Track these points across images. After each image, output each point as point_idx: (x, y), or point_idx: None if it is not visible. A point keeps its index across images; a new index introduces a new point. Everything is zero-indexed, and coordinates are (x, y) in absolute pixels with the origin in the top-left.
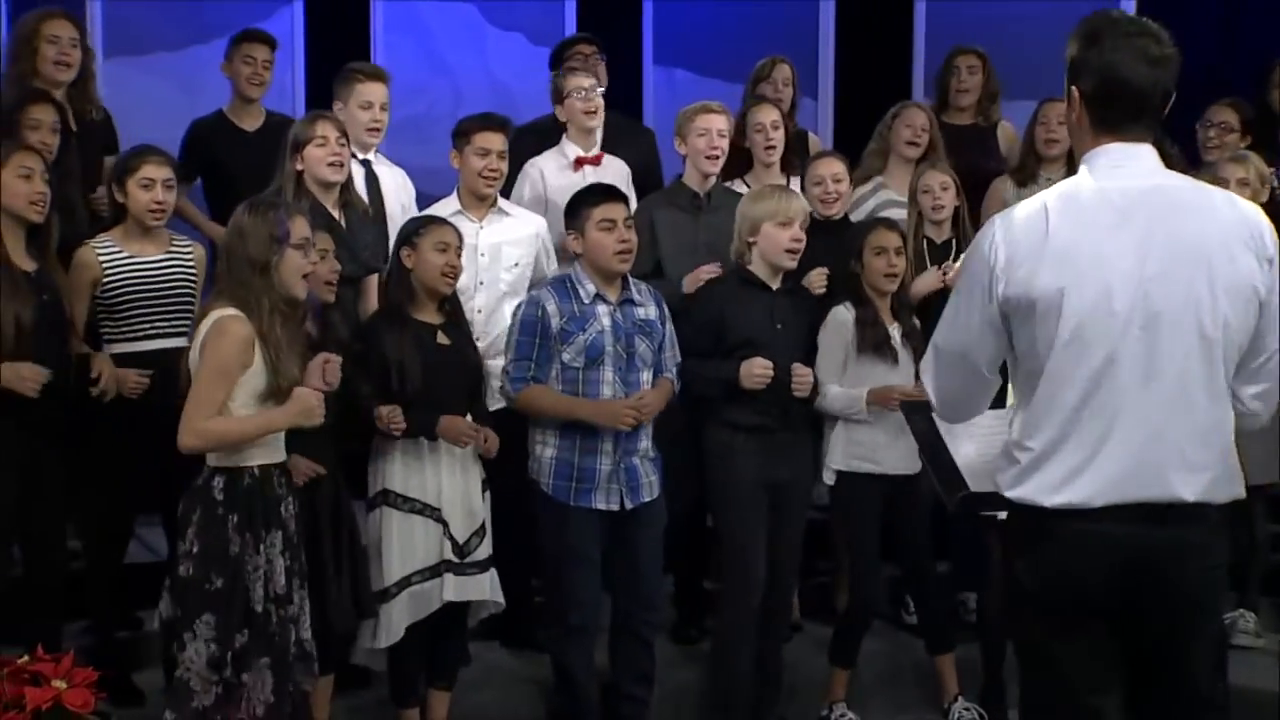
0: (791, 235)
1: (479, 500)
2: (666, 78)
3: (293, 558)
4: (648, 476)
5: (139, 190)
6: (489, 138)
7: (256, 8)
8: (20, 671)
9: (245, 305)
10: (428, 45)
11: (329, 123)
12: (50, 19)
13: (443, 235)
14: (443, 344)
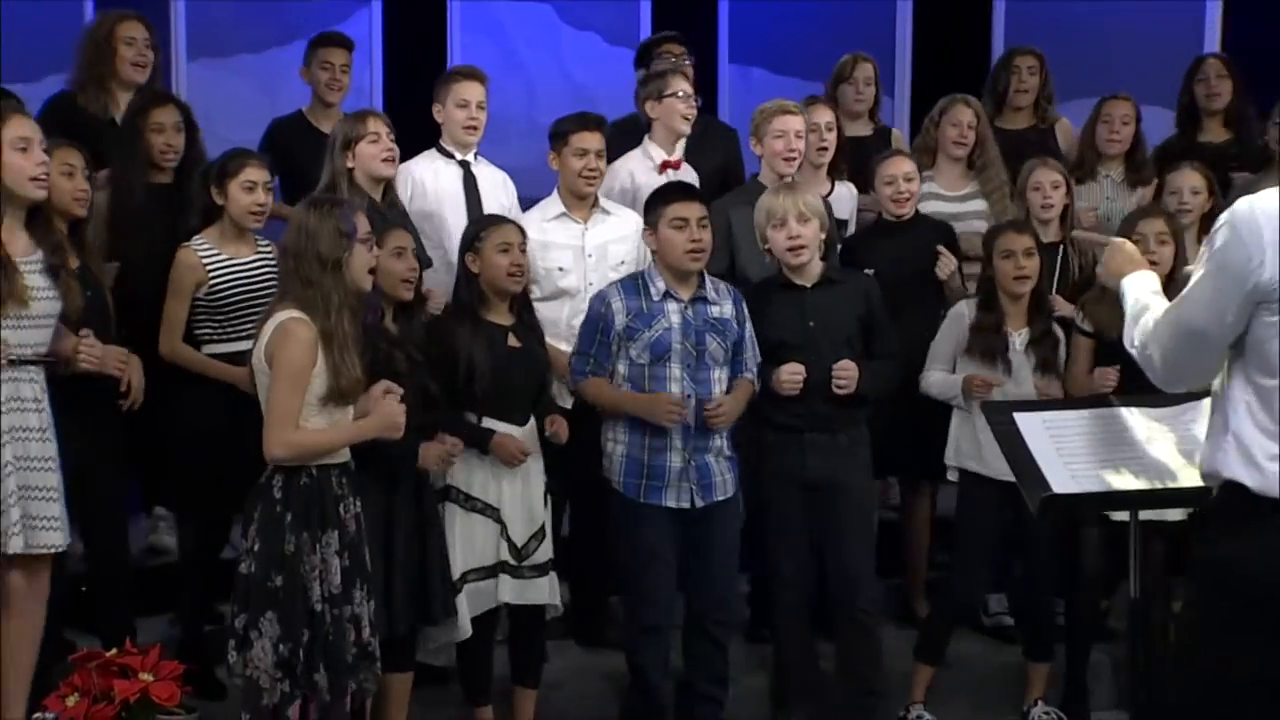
0: (787, 234)
1: (540, 504)
2: (742, 76)
3: (352, 559)
4: (721, 475)
5: (241, 192)
6: (586, 137)
7: (335, 9)
8: (109, 664)
9: (311, 305)
10: (503, 45)
11: (379, 119)
12: (124, 20)
13: (504, 236)
14: (513, 346)
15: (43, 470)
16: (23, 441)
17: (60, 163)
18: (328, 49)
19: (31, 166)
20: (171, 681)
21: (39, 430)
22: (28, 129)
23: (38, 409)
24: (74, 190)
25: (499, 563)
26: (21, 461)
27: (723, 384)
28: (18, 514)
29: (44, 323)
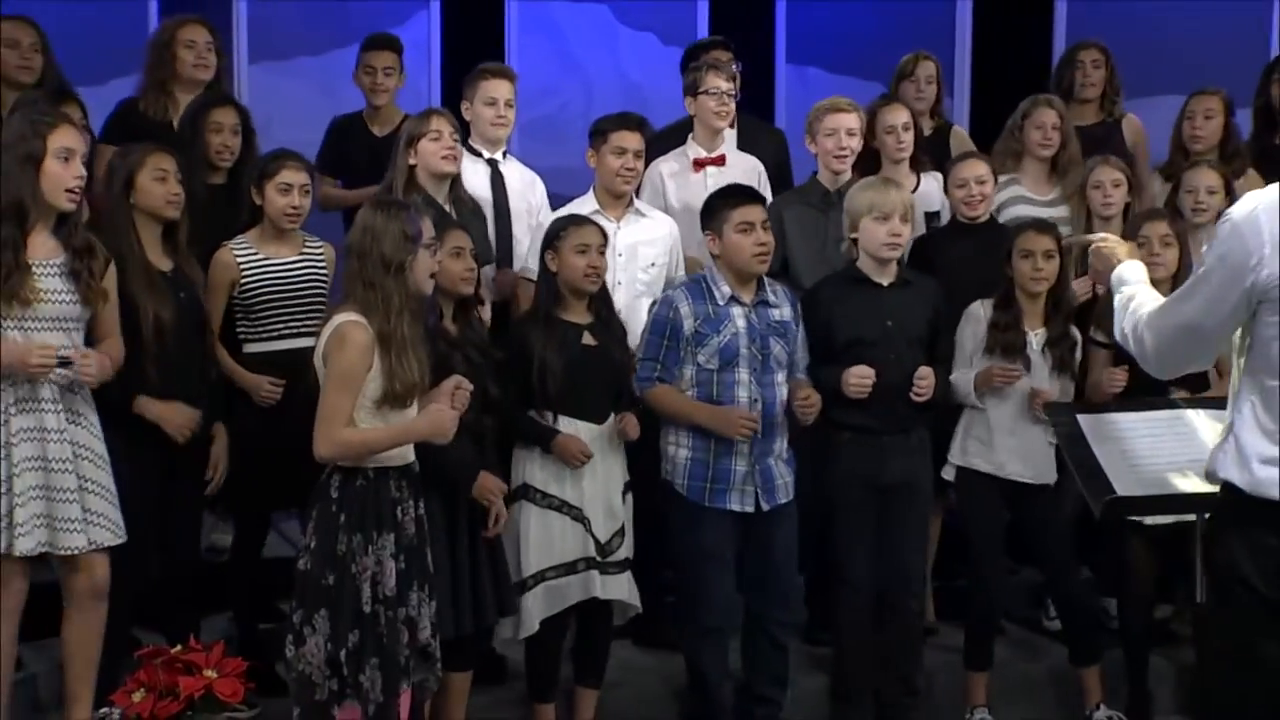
0: (889, 230)
1: (619, 501)
2: (799, 76)
3: (409, 561)
4: (783, 478)
5: (276, 194)
6: (625, 137)
7: (393, 11)
8: (174, 660)
9: (371, 307)
10: (560, 45)
11: (442, 118)
12: (186, 24)
13: (583, 237)
14: (588, 344)
15: (61, 471)
16: (39, 442)
17: (154, 168)
18: (369, 52)
19: (69, 178)
20: (235, 678)
21: (57, 431)
22: (72, 140)
23: (55, 409)
24: (166, 194)
25: (583, 559)
26: (38, 462)
27: (784, 388)
28: (27, 514)
29: (61, 325)
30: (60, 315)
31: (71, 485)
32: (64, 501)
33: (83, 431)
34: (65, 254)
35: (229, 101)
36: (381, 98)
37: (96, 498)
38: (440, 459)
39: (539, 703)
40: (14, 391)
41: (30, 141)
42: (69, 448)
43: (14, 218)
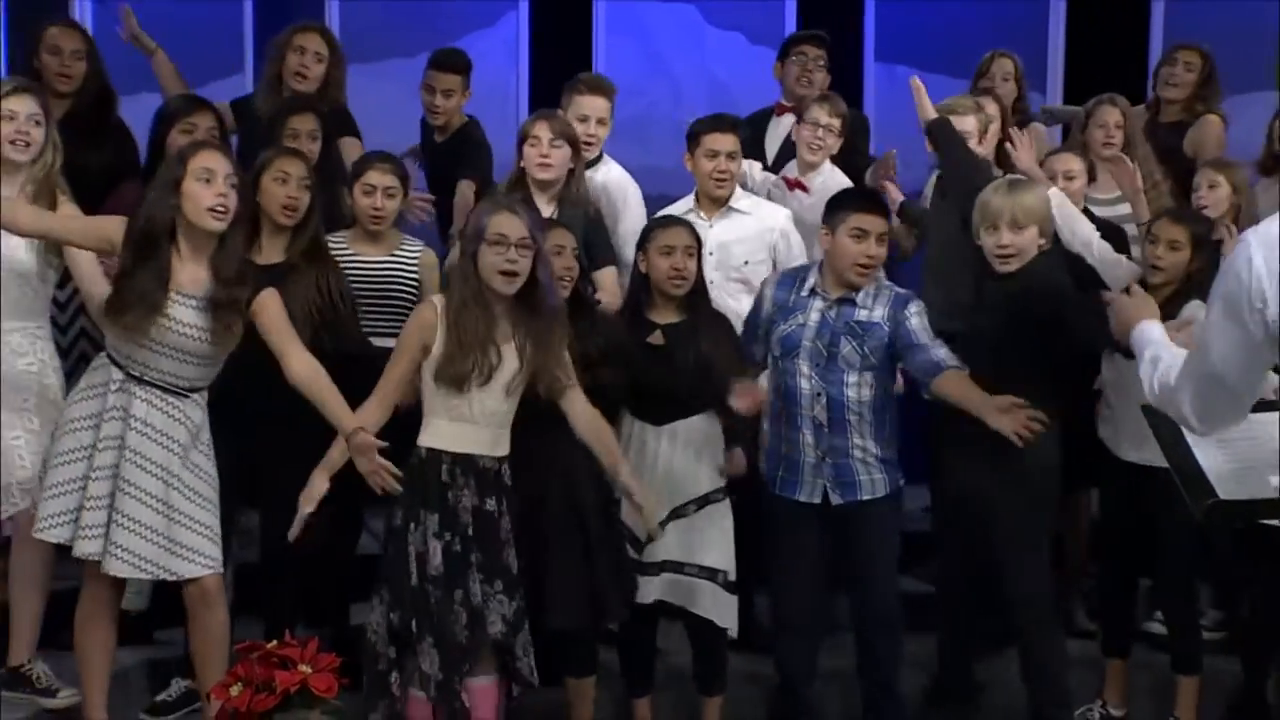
0: (996, 242)
1: (666, 507)
2: (888, 74)
3: (468, 550)
4: (867, 475)
5: (361, 195)
6: (718, 139)
7: (483, 12)
8: (270, 655)
9: (450, 290)
10: (648, 46)
11: (544, 123)
12: (301, 31)
13: (668, 239)
14: (654, 344)
15: (127, 495)
16: (115, 451)
17: (278, 170)
18: (433, 71)
19: (210, 197)
20: (329, 673)
21: (134, 451)
22: (213, 161)
23: (140, 430)
24: (282, 198)
25: (662, 561)
26: (109, 470)
27: (863, 388)
28: (99, 519)
29: (178, 356)
30: (179, 346)
31: (125, 507)
32: (120, 526)
33: (175, 459)
34: (212, 285)
35: (308, 107)
36: (438, 119)
37: (186, 530)
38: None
39: (635, 698)
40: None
41: (174, 167)
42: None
43: (150, 240)
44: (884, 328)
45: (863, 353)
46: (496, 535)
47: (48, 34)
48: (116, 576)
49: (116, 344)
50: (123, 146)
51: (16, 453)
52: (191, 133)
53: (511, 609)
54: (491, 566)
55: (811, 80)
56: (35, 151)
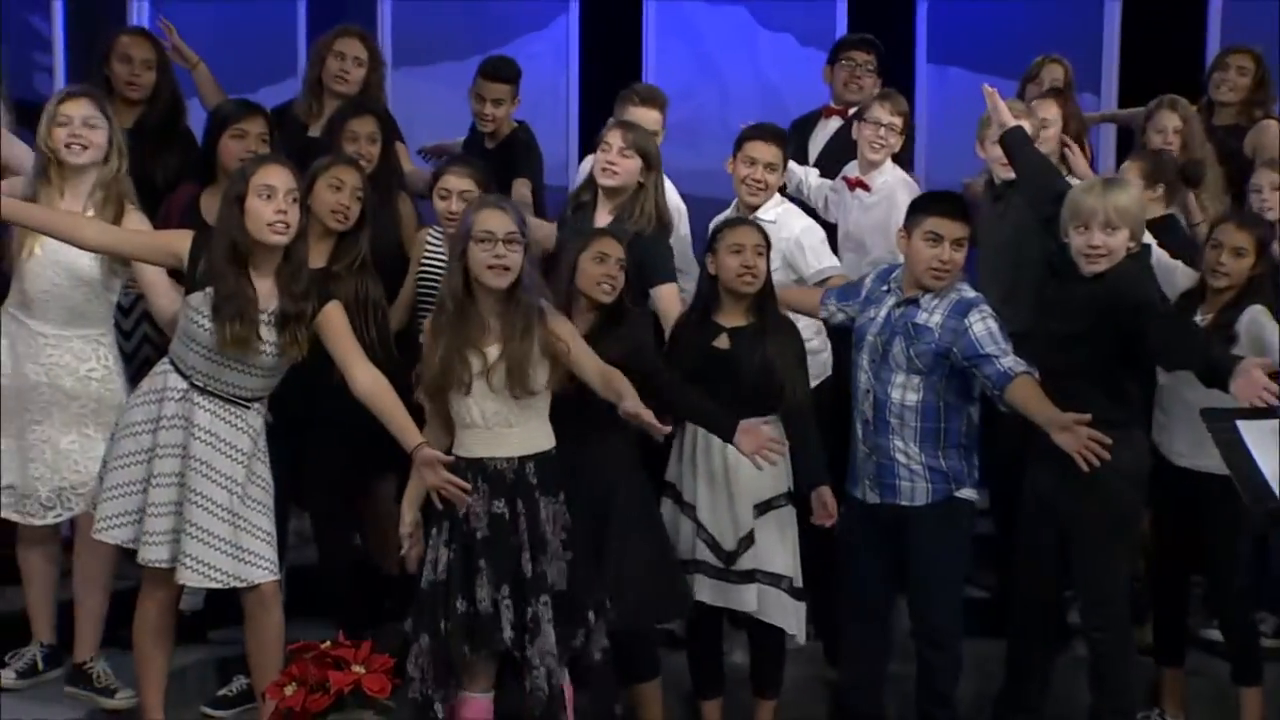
0: (1087, 242)
1: (747, 510)
2: (939, 76)
3: (473, 553)
4: (908, 480)
5: (437, 199)
6: (757, 147)
7: (534, 15)
8: (324, 656)
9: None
10: (698, 48)
11: (619, 131)
12: (341, 36)
13: (737, 237)
14: (718, 348)
15: (196, 506)
16: (178, 459)
17: (332, 177)
18: (483, 79)
19: (270, 213)
20: (382, 674)
21: (200, 461)
22: (274, 178)
23: (205, 440)
24: (334, 203)
25: (693, 561)
26: (173, 477)
27: (908, 391)
28: (162, 525)
29: (241, 367)
30: (255, 363)
31: (194, 518)
32: (191, 536)
33: (240, 469)
34: (280, 299)
35: (367, 111)
36: (487, 125)
37: (250, 537)
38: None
39: (703, 700)
40: (164, 407)
41: (237, 183)
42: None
43: (233, 260)
44: (936, 334)
45: (909, 355)
46: (510, 540)
47: (119, 42)
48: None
49: (181, 353)
50: (189, 155)
51: (73, 457)
52: (242, 138)
53: (528, 615)
54: (502, 573)
55: (861, 85)
56: (94, 155)
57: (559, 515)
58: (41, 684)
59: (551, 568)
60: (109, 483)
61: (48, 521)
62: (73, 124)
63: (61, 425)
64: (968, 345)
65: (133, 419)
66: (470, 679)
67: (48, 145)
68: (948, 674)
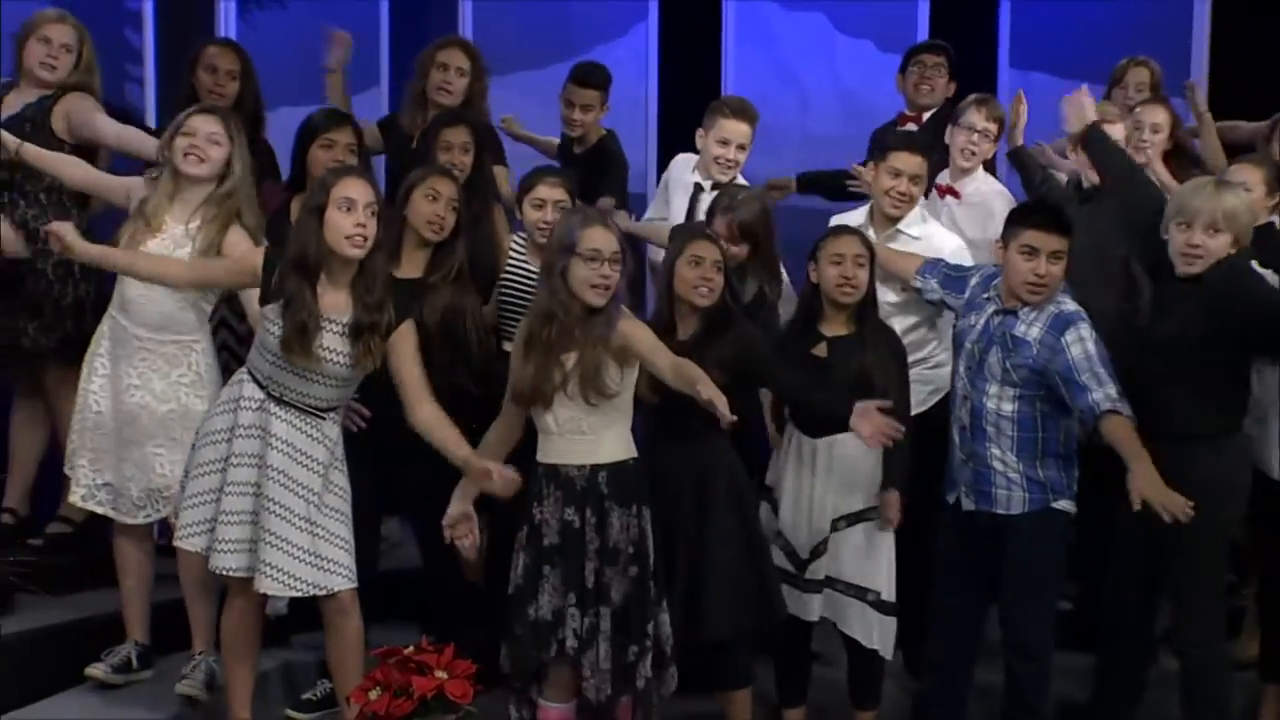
0: (1187, 241)
1: (825, 520)
2: (1022, 81)
3: (544, 560)
4: (1004, 489)
5: (530, 209)
6: (905, 159)
7: (614, 23)
8: (407, 661)
9: (535, 304)
10: (777, 55)
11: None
12: (444, 47)
13: (839, 247)
14: (816, 356)
15: (274, 515)
16: (253, 469)
17: (429, 187)
18: (574, 85)
19: (349, 226)
20: (464, 680)
21: (277, 471)
22: (354, 190)
23: (282, 449)
24: (430, 213)
25: (824, 578)
26: (248, 486)
27: (1003, 401)
28: (234, 534)
29: (315, 377)
30: (320, 370)
31: (273, 527)
32: (270, 545)
33: (317, 478)
34: (354, 310)
35: (461, 120)
36: (575, 131)
37: (328, 545)
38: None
39: (785, 708)
40: (239, 416)
41: (317, 194)
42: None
43: (300, 269)
44: (1034, 350)
45: (1005, 367)
46: (580, 548)
47: (206, 53)
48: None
49: (258, 363)
50: (266, 164)
51: (158, 461)
52: (330, 148)
53: (585, 625)
54: (569, 581)
55: (932, 87)
56: (210, 170)
57: (630, 527)
58: (134, 682)
59: (616, 581)
60: (189, 490)
61: (139, 521)
62: (195, 136)
63: (151, 428)
64: (1063, 366)
65: (211, 427)
66: (548, 686)
67: (168, 153)
68: (1038, 687)
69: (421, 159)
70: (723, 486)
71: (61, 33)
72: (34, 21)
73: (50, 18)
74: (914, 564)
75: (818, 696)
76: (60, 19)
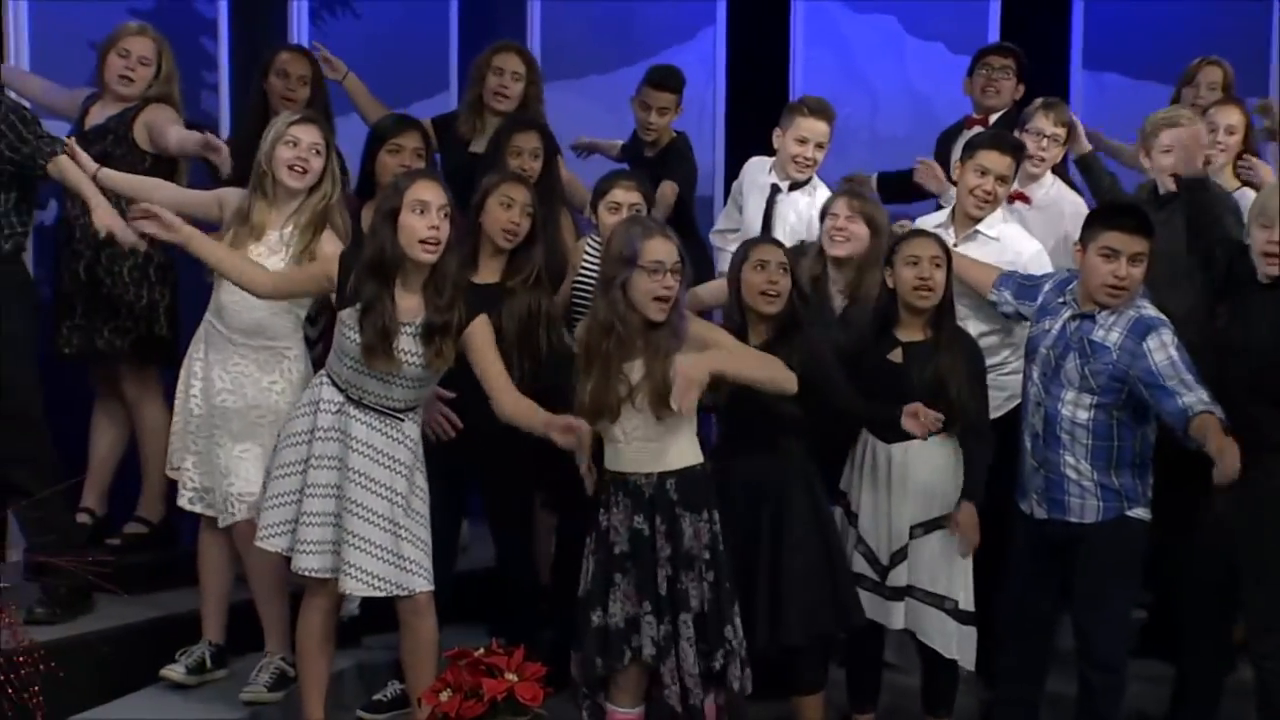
0: (1268, 238)
1: (904, 525)
2: (1095, 82)
3: (613, 567)
4: (1078, 497)
5: (606, 212)
6: (990, 157)
7: (681, 27)
8: (478, 663)
9: (589, 316)
10: (846, 57)
11: (840, 200)
12: (500, 52)
13: (914, 249)
14: (891, 361)
15: (356, 516)
16: (334, 471)
17: (503, 194)
18: (650, 88)
19: (423, 229)
20: (534, 682)
21: (357, 473)
22: (428, 194)
23: (362, 451)
24: (505, 220)
25: (855, 574)
26: (329, 488)
27: (1079, 408)
28: (315, 535)
29: (390, 379)
30: (405, 375)
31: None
32: (352, 546)
33: (400, 479)
34: (425, 312)
35: (531, 126)
36: (650, 134)
37: (410, 546)
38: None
39: (857, 712)
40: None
41: (390, 197)
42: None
43: (377, 273)
44: (1114, 355)
45: (1083, 373)
46: (651, 556)
47: (278, 59)
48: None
49: (336, 367)
50: None
51: (242, 464)
52: (398, 153)
53: (662, 632)
54: (642, 588)
55: (998, 90)
56: (311, 180)
57: (703, 533)
58: (208, 682)
59: (693, 587)
60: (270, 491)
61: (222, 524)
62: (300, 147)
63: (238, 432)
64: (1146, 373)
65: (292, 430)
66: (615, 692)
67: (269, 163)
68: (1112, 697)
69: (484, 164)
70: (798, 492)
71: (140, 45)
72: (115, 35)
73: (130, 30)
74: (986, 571)
75: (888, 701)
76: (140, 31)
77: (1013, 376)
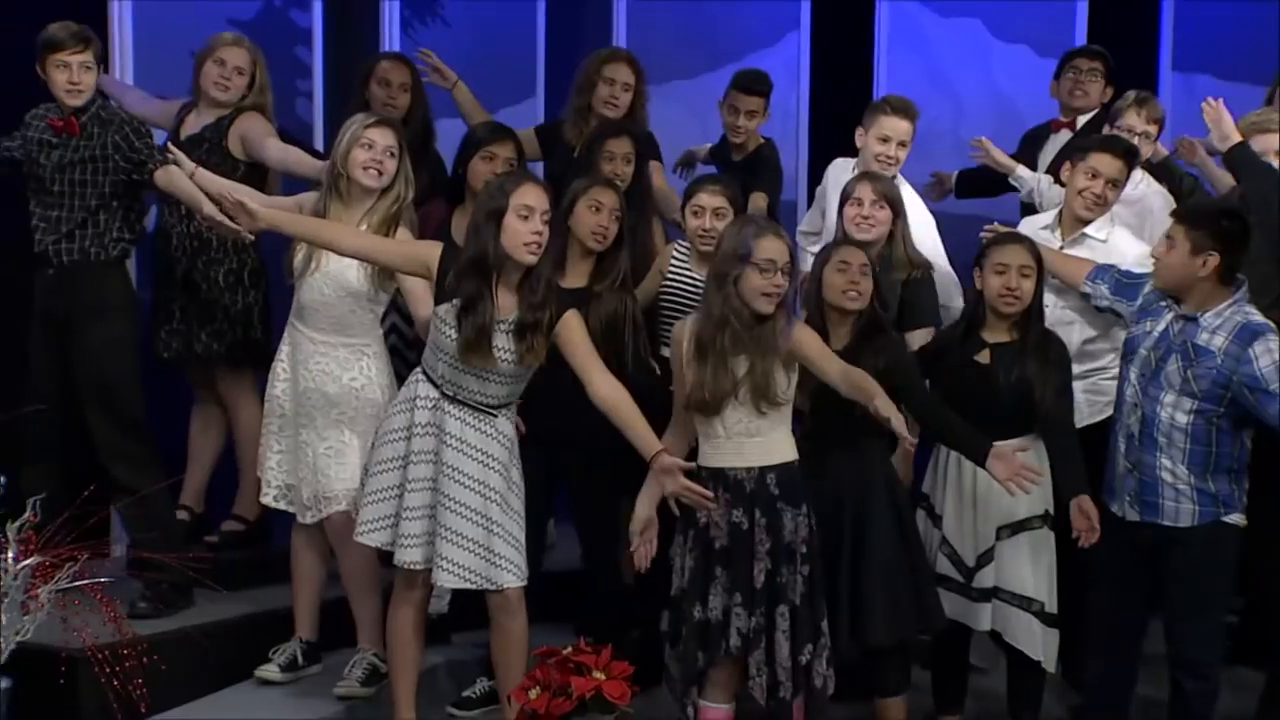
0: None
1: (991, 527)
2: (1185, 84)
3: (712, 561)
4: (1172, 500)
5: (691, 217)
6: (1104, 160)
7: (765, 33)
8: (566, 661)
9: (703, 311)
10: (929, 62)
11: (862, 184)
12: (609, 61)
13: (1003, 256)
14: (978, 363)
15: (449, 510)
16: (431, 465)
17: (592, 198)
18: (738, 92)
19: (527, 233)
20: (622, 680)
21: (451, 467)
22: (532, 198)
23: (456, 446)
24: (594, 224)
25: (939, 575)
26: (426, 482)
27: (1178, 411)
28: (418, 528)
29: (484, 375)
30: (501, 372)
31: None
32: (445, 540)
33: (494, 474)
34: (519, 310)
35: (624, 131)
36: (739, 137)
37: (502, 542)
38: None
39: (942, 714)
40: (415, 415)
41: (496, 198)
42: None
43: (478, 272)
44: (1219, 359)
45: (1185, 376)
46: (747, 549)
47: (379, 67)
48: (429, 583)
49: (431, 363)
50: (436, 175)
51: (328, 461)
52: (491, 160)
53: (752, 624)
54: (736, 580)
55: (1085, 92)
56: (386, 182)
57: (801, 527)
58: (301, 679)
59: (792, 580)
60: (369, 488)
61: (308, 521)
62: (375, 149)
63: (322, 429)
64: (1250, 378)
65: (390, 426)
66: (710, 687)
67: (344, 164)
68: (1205, 704)
69: (584, 169)
70: (881, 494)
71: (236, 55)
72: (211, 44)
73: (226, 40)
74: (1072, 574)
75: (973, 705)
76: (236, 42)
77: (1114, 381)
